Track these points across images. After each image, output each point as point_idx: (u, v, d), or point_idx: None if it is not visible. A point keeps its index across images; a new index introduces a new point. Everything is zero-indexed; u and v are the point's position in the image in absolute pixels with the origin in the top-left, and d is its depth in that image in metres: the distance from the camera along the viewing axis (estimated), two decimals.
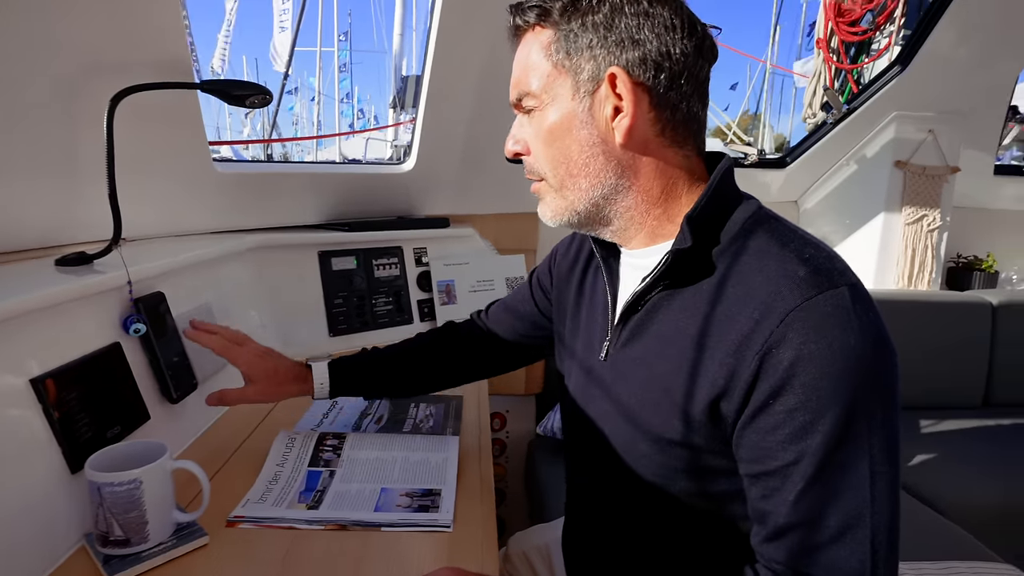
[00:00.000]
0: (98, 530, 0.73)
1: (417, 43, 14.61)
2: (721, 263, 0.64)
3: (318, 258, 1.59)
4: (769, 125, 19.65)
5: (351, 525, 0.80)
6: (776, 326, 0.56)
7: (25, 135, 0.94)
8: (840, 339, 0.54)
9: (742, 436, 0.60)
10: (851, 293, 0.57)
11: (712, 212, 0.65)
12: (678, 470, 0.67)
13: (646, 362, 0.69)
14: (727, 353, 0.59)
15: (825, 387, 0.54)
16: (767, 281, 0.59)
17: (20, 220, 1.01)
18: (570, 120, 0.66)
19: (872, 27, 2.21)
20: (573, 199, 0.69)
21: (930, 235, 2.28)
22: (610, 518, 0.79)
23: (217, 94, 1.00)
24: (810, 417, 0.55)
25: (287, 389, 0.99)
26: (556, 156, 0.68)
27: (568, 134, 0.67)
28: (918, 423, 2.03)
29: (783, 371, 0.55)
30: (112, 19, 0.96)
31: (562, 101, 0.66)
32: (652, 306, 0.69)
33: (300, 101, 21.21)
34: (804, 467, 0.55)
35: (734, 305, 0.60)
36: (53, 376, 0.79)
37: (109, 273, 0.93)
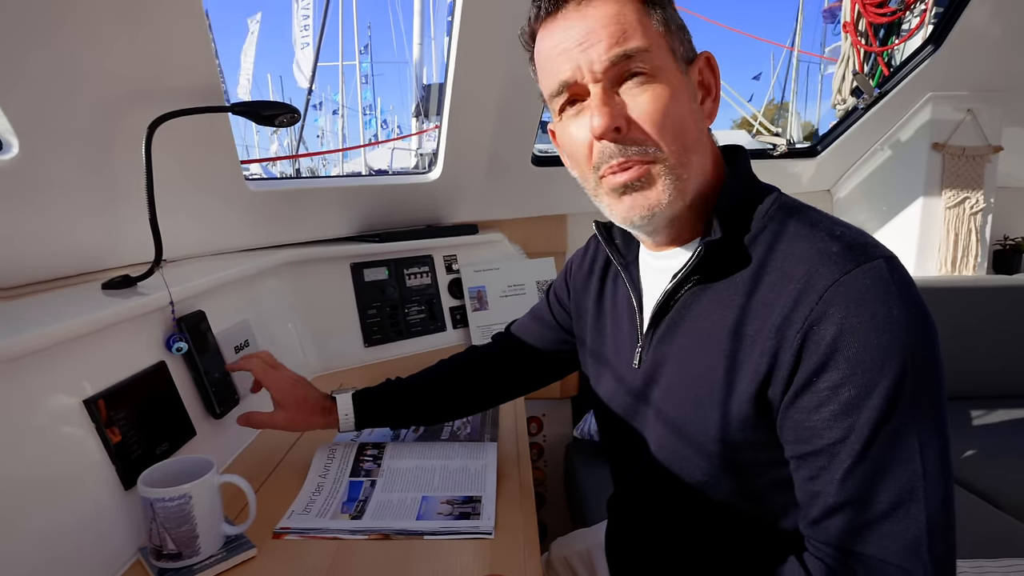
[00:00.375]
0: (152, 544, 0.76)
1: (436, 52, 14.74)
2: (753, 252, 0.63)
3: (350, 270, 1.62)
4: (796, 113, 19.23)
5: (394, 534, 0.81)
6: (816, 303, 0.55)
7: (66, 164, 0.98)
8: (882, 311, 0.54)
9: (786, 417, 0.59)
10: (888, 265, 0.56)
11: (738, 203, 0.65)
12: (721, 469, 0.66)
13: (682, 360, 0.68)
14: (768, 338, 0.58)
15: (870, 359, 0.53)
16: (801, 261, 0.58)
17: (65, 247, 1.05)
18: (683, 92, 0.63)
19: (901, 7, 2.15)
20: (688, 178, 0.64)
21: (973, 218, 2.20)
22: (654, 522, 0.78)
23: (248, 116, 1.03)
24: (856, 392, 0.54)
25: (314, 420, 1.00)
26: (673, 128, 0.62)
27: (684, 107, 0.63)
28: (969, 414, 1.96)
29: (826, 347, 0.55)
30: (145, 48, 0.99)
31: (671, 71, 0.63)
32: (683, 304, 0.68)
33: (324, 115, 21.59)
34: (852, 443, 0.54)
35: (771, 291, 0.60)
36: (104, 396, 0.82)
37: (152, 295, 0.96)
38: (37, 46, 0.85)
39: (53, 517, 0.71)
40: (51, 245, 1.02)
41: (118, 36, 0.94)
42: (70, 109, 0.94)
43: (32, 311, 0.87)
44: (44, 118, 0.91)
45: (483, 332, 1.76)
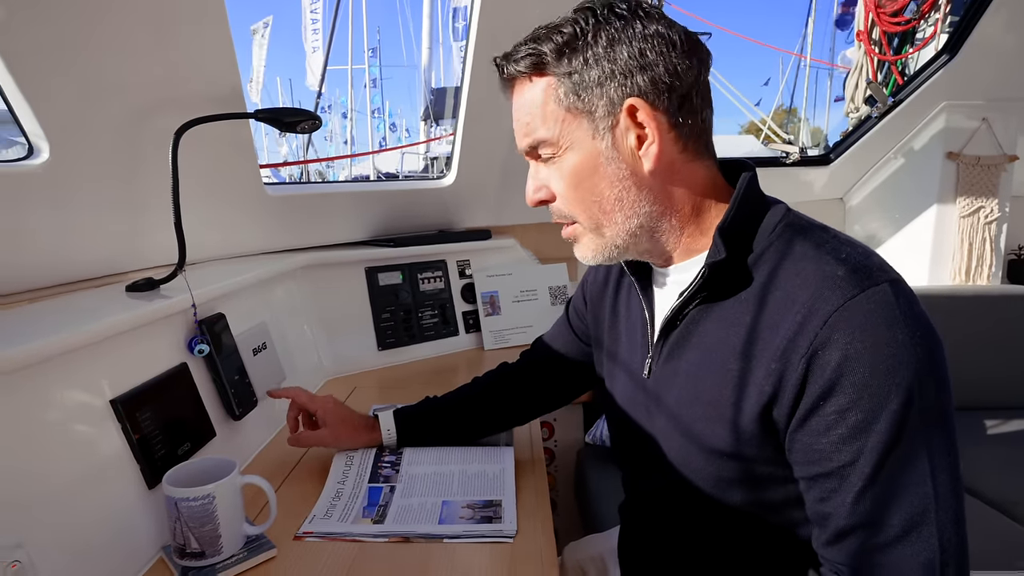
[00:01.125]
0: (175, 543, 0.77)
1: (444, 56, 14.83)
2: (758, 271, 0.63)
3: (365, 274, 1.63)
4: (805, 120, 19.17)
5: (414, 538, 0.82)
6: (820, 328, 0.56)
7: (94, 168, 1.00)
8: (887, 335, 0.54)
9: (795, 440, 0.59)
10: (893, 288, 0.56)
11: (742, 221, 0.65)
12: (732, 480, 0.66)
13: (690, 375, 0.69)
14: (772, 359, 0.59)
15: (876, 384, 0.54)
16: (806, 284, 0.59)
17: (91, 249, 1.07)
18: (595, 159, 0.66)
19: (916, 16, 2.15)
20: (611, 235, 0.68)
21: (988, 227, 2.19)
22: (667, 529, 0.78)
23: (270, 122, 1.04)
24: (863, 416, 0.54)
25: (360, 436, 1.03)
26: (587, 197, 0.67)
27: (595, 173, 0.66)
28: (983, 424, 1.94)
29: (831, 372, 0.55)
30: (171, 57, 1.01)
31: (582, 143, 0.65)
32: (691, 320, 0.69)
33: (333, 117, 21.71)
34: (861, 467, 0.55)
35: (776, 312, 0.60)
36: (130, 397, 0.83)
37: (175, 297, 0.97)
38: (69, 54, 0.87)
39: (81, 514, 0.72)
40: (78, 248, 1.04)
41: (145, 45, 0.96)
42: (98, 115, 0.96)
43: (60, 313, 0.89)
44: (73, 124, 0.93)
45: (495, 337, 1.77)
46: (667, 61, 0.62)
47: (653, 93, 0.62)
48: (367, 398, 1.39)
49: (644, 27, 0.62)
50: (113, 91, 0.96)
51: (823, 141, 5.98)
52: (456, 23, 14.62)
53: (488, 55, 1.51)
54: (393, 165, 14.94)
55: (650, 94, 0.62)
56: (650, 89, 0.62)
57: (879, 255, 0.61)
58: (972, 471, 1.66)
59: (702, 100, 0.65)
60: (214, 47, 1.07)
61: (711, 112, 0.68)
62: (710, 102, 0.68)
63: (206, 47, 1.06)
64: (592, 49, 0.63)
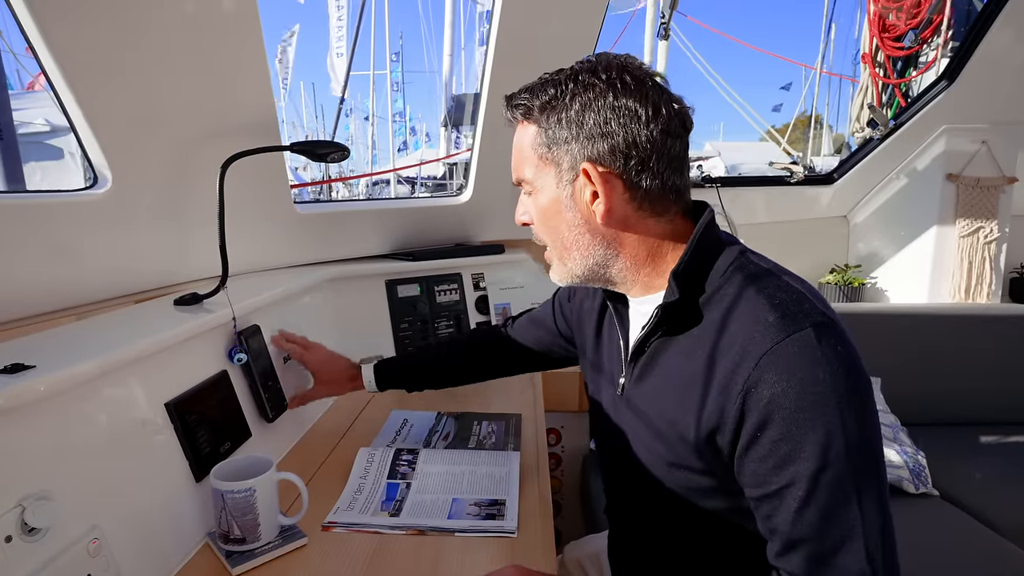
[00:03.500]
0: (220, 530, 0.88)
1: (466, 63, 14.99)
2: (708, 311, 0.71)
3: (385, 287, 1.74)
4: (829, 126, 19.03)
5: (429, 530, 0.92)
6: (752, 368, 0.64)
7: (149, 194, 1.12)
8: (809, 375, 0.62)
9: (742, 465, 0.67)
10: (816, 332, 0.63)
11: (696, 264, 0.73)
12: (692, 490, 0.75)
13: (653, 398, 0.78)
14: (717, 392, 0.67)
15: (802, 419, 0.61)
16: (743, 328, 0.66)
17: (143, 266, 1.19)
18: (557, 204, 0.76)
19: (917, 43, 2.22)
20: (571, 266, 0.79)
21: (987, 247, 2.25)
22: (647, 529, 0.88)
23: (305, 154, 1.16)
24: (792, 447, 0.62)
25: (345, 387, 1.27)
26: (551, 233, 0.79)
27: (557, 215, 0.77)
28: (979, 440, 2.00)
29: (763, 408, 0.63)
30: (214, 94, 1.13)
31: (549, 188, 0.76)
32: (655, 349, 0.77)
33: (355, 121, 22.00)
34: (796, 490, 0.62)
35: (719, 350, 0.68)
36: (180, 401, 0.95)
37: (218, 312, 1.09)
38: (129, 95, 1.00)
39: (142, 503, 0.83)
40: (132, 265, 1.16)
41: (193, 84, 1.09)
42: (152, 148, 1.09)
43: (122, 326, 1.01)
44: (132, 155, 1.06)
45: None
46: (627, 132, 0.70)
47: (610, 158, 0.71)
48: (385, 404, 1.49)
49: (615, 99, 0.70)
50: (164, 126, 1.09)
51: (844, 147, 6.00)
52: (482, 27, 14.77)
53: (505, 79, 1.64)
54: (413, 170, 15.13)
55: (607, 159, 0.71)
56: (607, 155, 0.71)
57: (812, 300, 0.67)
58: (963, 484, 1.73)
59: (668, 165, 0.72)
60: (254, 84, 1.19)
61: (679, 175, 0.74)
62: (679, 167, 0.74)
63: (247, 85, 1.18)
64: (567, 112, 0.72)
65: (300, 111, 23.95)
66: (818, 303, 0.67)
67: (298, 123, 23.26)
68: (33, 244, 0.97)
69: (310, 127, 22.85)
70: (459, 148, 12.56)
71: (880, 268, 2.48)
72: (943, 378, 2.00)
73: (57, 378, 0.72)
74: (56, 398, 0.73)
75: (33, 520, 0.66)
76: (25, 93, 7.02)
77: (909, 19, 2.19)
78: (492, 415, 1.37)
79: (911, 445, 1.72)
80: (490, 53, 1.60)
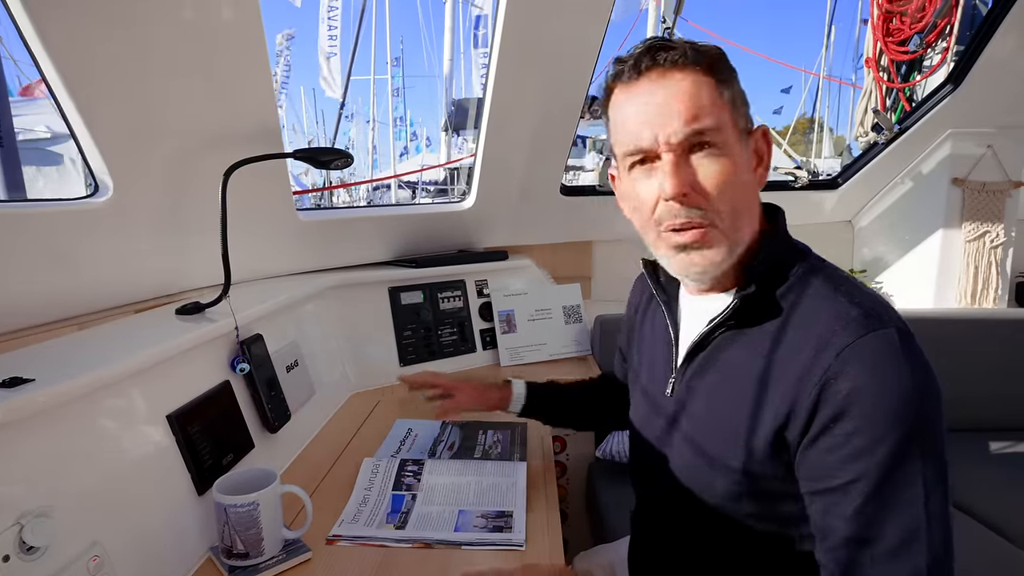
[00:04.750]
0: (223, 544, 0.86)
1: (466, 67, 15.02)
2: (782, 306, 0.70)
3: (388, 294, 1.73)
4: (829, 129, 19.05)
5: (435, 544, 0.91)
6: (833, 360, 0.63)
7: (150, 202, 1.11)
8: (892, 376, 0.61)
9: (804, 457, 0.66)
10: (899, 334, 0.63)
11: (772, 260, 0.73)
12: (742, 494, 0.73)
13: (712, 395, 0.76)
14: (789, 385, 0.66)
15: (879, 417, 0.61)
16: (823, 322, 0.66)
17: (145, 275, 1.18)
18: (740, 164, 0.70)
19: (921, 47, 2.21)
20: (737, 241, 0.72)
21: (994, 251, 2.23)
22: (677, 538, 0.85)
23: (308, 161, 1.14)
24: (866, 442, 0.61)
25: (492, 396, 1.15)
26: (733, 199, 0.70)
27: (739, 177, 0.70)
28: (988, 446, 1.98)
29: (841, 399, 0.62)
30: (217, 101, 1.12)
31: (734, 145, 0.70)
32: (717, 346, 0.76)
33: (356, 126, 22.04)
34: (862, 485, 0.61)
35: (794, 344, 0.67)
36: (182, 412, 0.93)
37: (220, 321, 1.08)
38: (131, 104, 0.99)
39: (143, 518, 0.82)
40: (133, 273, 1.15)
41: (196, 91, 1.08)
42: (154, 155, 1.08)
43: (123, 336, 0.99)
44: (133, 163, 1.04)
45: (511, 354, 1.86)
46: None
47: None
48: (390, 412, 1.48)
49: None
50: (166, 133, 1.08)
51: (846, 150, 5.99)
52: (477, 31, 14.80)
53: (508, 84, 1.62)
54: (414, 174, 15.14)
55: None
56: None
57: (890, 306, 0.68)
58: (972, 491, 1.70)
59: None
60: (256, 91, 1.18)
61: None
62: None
63: (249, 92, 1.17)
64: (733, 75, 0.72)
65: (300, 116, 24.01)
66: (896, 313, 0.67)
67: (298, 128, 23.31)
68: (34, 253, 0.95)
69: (311, 132, 22.90)
70: (460, 152, 12.57)
71: (885, 273, 2.46)
72: (950, 384, 1.93)
73: (56, 392, 0.71)
74: (55, 412, 0.72)
75: (32, 538, 0.64)
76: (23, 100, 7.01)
77: (914, 23, 2.18)
78: (497, 424, 1.36)
79: None
80: (494, 57, 1.59)
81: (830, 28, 15.54)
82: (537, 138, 1.80)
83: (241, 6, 1.04)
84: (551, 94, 1.70)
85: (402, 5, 48.02)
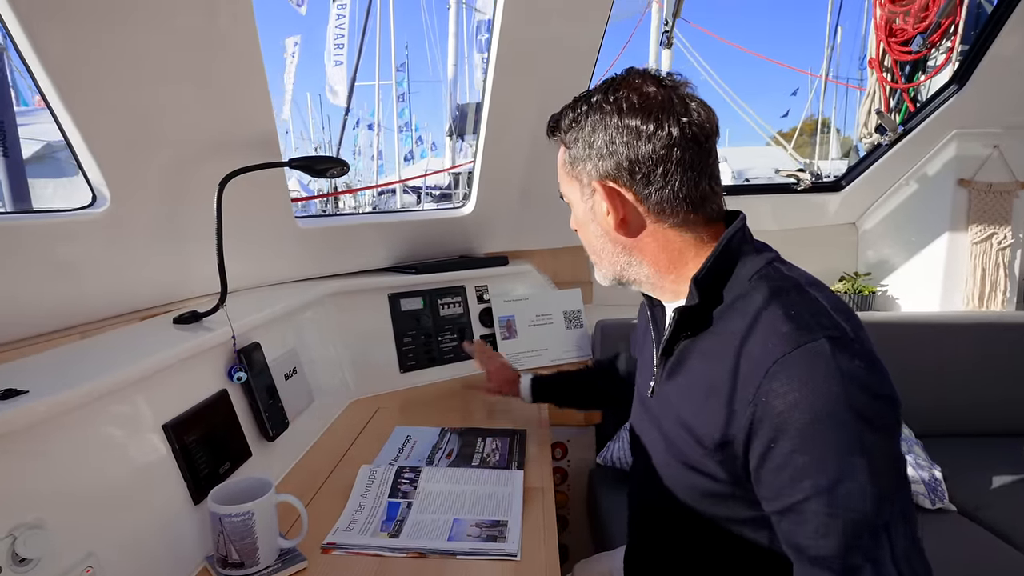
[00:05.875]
0: (218, 554, 0.86)
1: (469, 72, 15.05)
2: (727, 318, 0.72)
3: (388, 300, 1.73)
4: (836, 129, 18.94)
5: (429, 553, 0.90)
6: (762, 378, 0.64)
7: (147, 212, 1.11)
8: (822, 387, 0.61)
9: (758, 477, 0.66)
10: (831, 342, 0.63)
11: (719, 271, 0.74)
12: (710, 495, 0.75)
13: (677, 397, 0.79)
14: (732, 401, 0.68)
15: (815, 431, 0.61)
16: (757, 337, 0.67)
17: (142, 284, 1.19)
18: (584, 217, 0.83)
19: (925, 47, 2.19)
20: (604, 271, 0.86)
21: (1001, 253, 2.21)
22: (666, 541, 0.87)
23: (304, 169, 1.15)
24: (808, 458, 0.61)
25: (508, 391, 1.43)
26: (585, 241, 0.86)
27: (586, 227, 0.84)
28: (997, 452, 1.95)
29: (775, 418, 0.63)
30: (213, 110, 1.13)
31: (577, 203, 0.83)
32: (681, 352, 0.79)
33: (361, 131, 22.11)
34: (815, 504, 0.61)
35: (734, 358, 0.69)
36: (178, 422, 0.93)
37: (217, 330, 1.08)
38: (128, 114, 0.99)
39: (138, 527, 0.82)
40: (131, 283, 1.16)
41: (191, 101, 1.08)
42: (151, 165, 1.08)
43: (120, 346, 1.00)
44: (130, 174, 1.05)
45: (512, 359, 1.84)
46: (630, 149, 0.74)
47: (615, 173, 0.75)
48: (390, 418, 1.48)
49: (619, 119, 0.74)
50: (163, 143, 1.08)
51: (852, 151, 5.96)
52: (479, 36, 14.82)
53: (506, 89, 1.62)
54: (419, 179, 15.19)
55: (612, 174, 0.76)
56: (614, 171, 0.75)
57: (832, 313, 0.67)
58: (979, 497, 1.68)
59: (679, 176, 0.73)
60: (253, 100, 1.18)
61: (693, 185, 0.74)
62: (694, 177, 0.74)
63: (245, 100, 1.17)
64: (582, 132, 0.78)
65: (307, 123, 24.12)
66: (839, 316, 0.67)
67: (305, 134, 23.41)
68: (32, 264, 0.96)
69: (317, 139, 23.00)
70: (465, 157, 12.59)
71: (891, 276, 2.43)
72: (958, 388, 1.95)
73: (50, 403, 0.71)
74: (49, 424, 0.72)
75: (24, 551, 0.64)
76: (41, 109, 7.08)
77: (917, 23, 2.16)
78: (496, 431, 1.35)
79: (926, 458, 1.68)
80: (491, 63, 1.59)
81: (834, 29, 15.45)
82: (536, 142, 1.79)
83: (236, 14, 1.04)
84: (549, 98, 1.69)
85: (406, 11, 48.30)
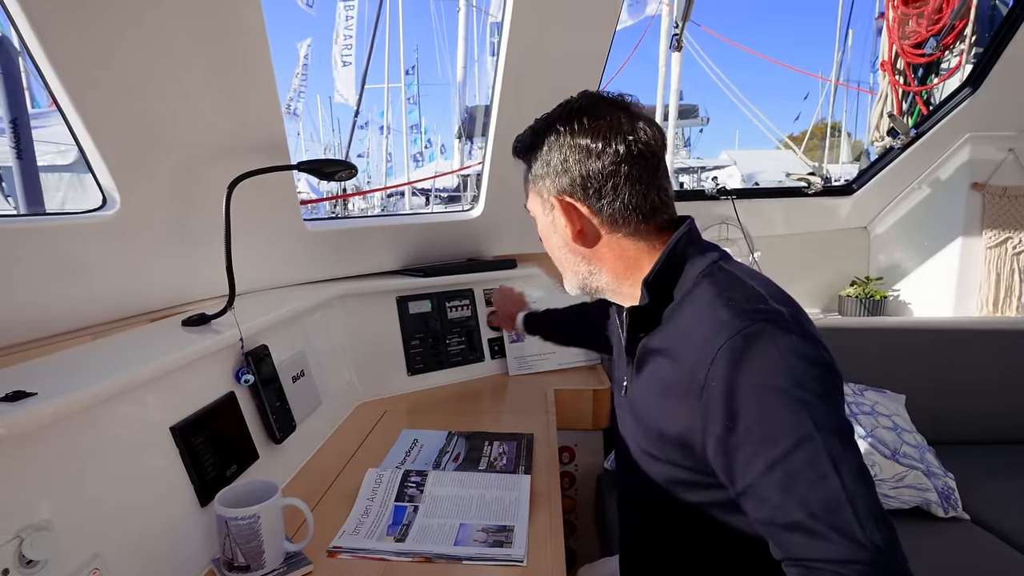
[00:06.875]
0: (224, 557, 0.86)
1: (479, 75, 15.09)
2: (676, 317, 0.78)
3: (396, 303, 1.73)
4: (847, 133, 18.85)
5: (435, 558, 0.90)
6: (709, 365, 0.68)
7: (157, 214, 1.12)
8: (761, 366, 0.66)
9: (718, 462, 0.70)
10: (768, 324, 0.68)
11: (668, 273, 0.80)
12: (677, 483, 0.79)
13: (643, 397, 0.85)
14: (682, 394, 0.73)
15: (762, 409, 0.65)
16: (701, 329, 0.72)
17: (151, 287, 1.19)
18: (546, 229, 0.90)
19: (938, 50, 2.17)
20: (570, 279, 0.92)
21: (1017, 258, 2.18)
22: (650, 529, 0.90)
23: (312, 173, 1.15)
24: (761, 432, 0.65)
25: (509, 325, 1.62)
26: (550, 252, 0.93)
27: (549, 239, 0.91)
28: (1012, 460, 1.92)
29: (723, 401, 0.67)
30: (223, 114, 1.13)
31: (539, 217, 0.90)
32: (642, 352, 0.84)
33: (371, 133, 22.23)
34: (776, 476, 0.64)
35: (683, 352, 0.74)
36: (186, 424, 0.94)
37: (225, 332, 1.08)
38: (138, 119, 1.00)
39: (146, 529, 0.82)
40: (140, 285, 1.16)
41: (202, 104, 1.09)
42: (160, 168, 1.09)
43: (129, 348, 1.00)
44: (140, 177, 1.06)
45: (519, 363, 1.85)
46: (582, 166, 0.81)
47: (570, 189, 0.83)
48: (397, 421, 1.47)
49: (571, 139, 0.81)
50: (172, 146, 1.09)
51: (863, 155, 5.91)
52: (493, 38, 14.84)
53: (515, 92, 1.62)
54: (427, 181, 15.25)
55: (567, 190, 0.83)
56: (568, 186, 0.83)
57: (768, 299, 0.72)
58: (992, 505, 1.66)
59: (629, 189, 0.80)
60: (262, 103, 1.19)
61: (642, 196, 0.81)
62: (644, 189, 0.81)
63: (254, 104, 1.18)
64: (540, 152, 0.85)
65: (317, 125, 24.27)
66: (776, 303, 0.71)
67: (315, 137, 23.55)
68: (43, 266, 0.97)
69: (327, 140, 23.14)
70: (472, 160, 12.62)
71: (903, 281, 2.41)
72: (972, 395, 1.93)
73: (58, 405, 0.72)
74: (57, 426, 0.72)
75: (31, 552, 0.65)
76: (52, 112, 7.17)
77: (930, 25, 2.14)
78: (504, 435, 1.35)
79: (939, 467, 1.65)
80: (500, 66, 1.59)
81: (845, 32, 15.36)
82: None
83: (246, 18, 1.05)
84: (558, 102, 1.69)
85: (416, 14, 48.43)
